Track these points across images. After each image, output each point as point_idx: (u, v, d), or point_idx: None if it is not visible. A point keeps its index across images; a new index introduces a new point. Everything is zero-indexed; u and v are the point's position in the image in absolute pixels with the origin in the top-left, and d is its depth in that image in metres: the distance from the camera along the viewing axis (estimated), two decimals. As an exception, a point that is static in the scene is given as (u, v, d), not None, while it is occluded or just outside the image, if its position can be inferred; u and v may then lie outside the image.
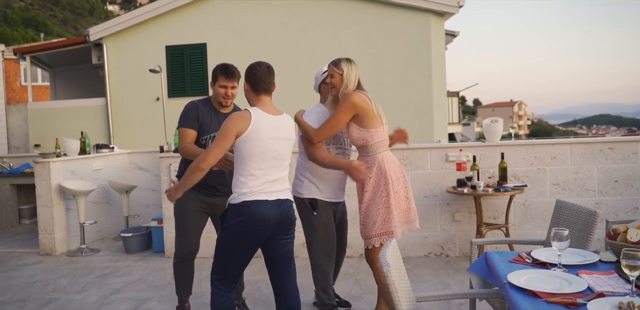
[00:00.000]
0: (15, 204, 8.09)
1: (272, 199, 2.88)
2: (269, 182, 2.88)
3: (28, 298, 4.59)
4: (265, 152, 2.85)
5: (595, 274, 2.28)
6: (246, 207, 2.83)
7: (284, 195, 2.97)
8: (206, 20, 10.67)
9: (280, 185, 2.96)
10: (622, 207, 5.30)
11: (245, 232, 2.86)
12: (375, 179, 3.45)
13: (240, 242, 2.89)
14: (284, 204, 2.94)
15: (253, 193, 2.84)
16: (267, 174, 2.88)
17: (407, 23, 10.06)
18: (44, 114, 11.60)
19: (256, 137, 2.83)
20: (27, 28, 60.84)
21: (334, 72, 3.44)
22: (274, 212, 2.87)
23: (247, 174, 2.86)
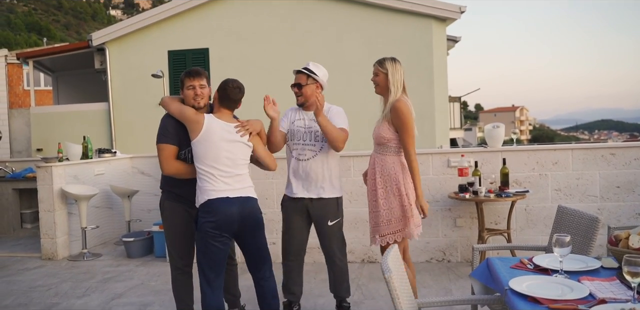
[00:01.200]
0: (18, 208, 8.10)
1: (233, 196, 3.16)
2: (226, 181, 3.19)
3: (30, 303, 4.59)
4: (216, 160, 3.18)
5: (597, 280, 2.28)
6: (209, 205, 3.14)
7: (247, 193, 3.25)
8: (208, 25, 10.70)
9: (238, 185, 3.23)
10: (624, 213, 5.29)
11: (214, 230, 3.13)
12: (392, 177, 3.49)
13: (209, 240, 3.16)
14: (247, 201, 3.22)
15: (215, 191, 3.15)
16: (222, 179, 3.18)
17: (408, 28, 10.08)
18: (47, 119, 11.62)
19: (203, 142, 3.18)
20: (30, 32, 61.07)
21: (378, 71, 3.59)
22: (235, 209, 3.15)
23: (202, 177, 3.20)
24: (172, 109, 3.39)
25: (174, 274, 3.64)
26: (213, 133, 3.19)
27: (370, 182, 3.61)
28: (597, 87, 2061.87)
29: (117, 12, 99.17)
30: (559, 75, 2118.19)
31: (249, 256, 3.37)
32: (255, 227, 3.28)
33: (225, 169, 3.18)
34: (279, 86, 4.09)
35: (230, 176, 3.19)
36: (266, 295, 3.40)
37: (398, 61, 3.63)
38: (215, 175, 3.16)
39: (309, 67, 3.78)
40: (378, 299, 4.36)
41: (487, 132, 5.56)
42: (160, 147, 3.38)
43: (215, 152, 3.17)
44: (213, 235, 3.12)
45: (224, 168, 3.18)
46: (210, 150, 3.16)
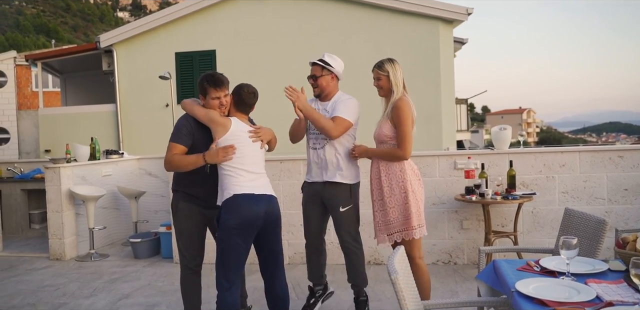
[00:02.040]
0: (26, 208, 8.15)
1: (258, 193, 3.24)
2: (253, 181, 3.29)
3: (38, 302, 4.62)
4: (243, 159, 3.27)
5: (604, 282, 2.27)
6: (236, 199, 3.19)
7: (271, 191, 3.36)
8: (215, 27, 10.74)
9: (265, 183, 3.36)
10: (631, 215, 5.27)
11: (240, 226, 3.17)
12: (397, 175, 3.52)
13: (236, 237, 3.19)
14: (272, 199, 3.32)
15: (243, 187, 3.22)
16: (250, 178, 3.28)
17: (416, 30, 10.08)
18: (55, 120, 11.69)
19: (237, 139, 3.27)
20: (38, 34, 61.43)
21: (379, 75, 3.62)
22: (262, 205, 3.23)
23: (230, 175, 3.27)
24: (199, 113, 3.42)
25: (184, 273, 3.65)
26: (240, 134, 3.30)
27: (374, 181, 3.63)
28: (605, 90, 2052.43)
29: (125, 14, 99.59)
30: (567, 77, 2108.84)
31: (265, 256, 3.39)
32: (276, 226, 3.35)
33: (250, 167, 3.28)
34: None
35: (255, 174, 3.30)
36: (277, 297, 3.41)
37: (395, 61, 3.66)
38: (242, 173, 3.24)
39: (324, 59, 3.84)
40: (384, 301, 4.36)
41: (494, 134, 5.55)
42: (170, 145, 3.46)
43: (243, 151, 3.26)
44: (237, 232, 3.16)
45: (249, 167, 3.28)
46: (238, 149, 3.25)
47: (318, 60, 3.84)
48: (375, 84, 3.67)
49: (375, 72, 3.64)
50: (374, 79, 3.66)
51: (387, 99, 3.64)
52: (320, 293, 4.16)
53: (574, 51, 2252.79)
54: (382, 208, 3.57)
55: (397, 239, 3.54)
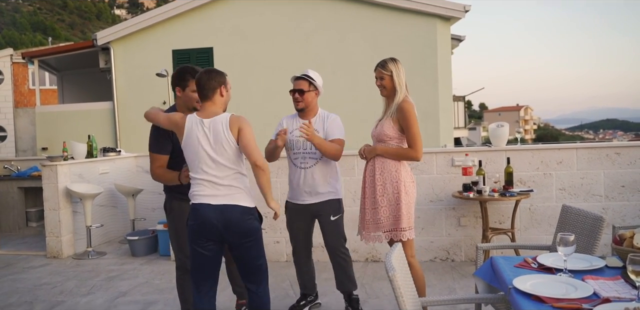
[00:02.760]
0: (23, 206, 8.13)
1: (215, 204, 2.96)
2: (214, 185, 2.98)
3: (35, 300, 4.61)
4: (199, 156, 2.98)
5: (601, 279, 2.28)
6: (194, 209, 3.00)
7: (231, 200, 2.98)
8: (213, 24, 10.71)
9: (225, 191, 2.99)
10: (628, 212, 5.28)
11: (194, 231, 3.01)
12: (392, 175, 3.51)
13: (196, 243, 3.03)
14: (231, 209, 2.96)
15: (200, 196, 2.99)
16: (208, 177, 2.98)
17: (413, 27, 10.07)
18: (52, 118, 11.67)
19: (189, 141, 3.00)
20: (35, 32, 61.25)
21: (382, 74, 3.57)
22: (217, 217, 2.95)
23: (192, 177, 3.05)
24: (162, 121, 3.20)
25: (178, 273, 3.65)
26: (192, 133, 2.99)
27: (368, 179, 3.61)
28: (602, 87, 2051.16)
29: (122, 12, 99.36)
30: (564, 74, 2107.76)
31: (239, 266, 3.16)
32: (241, 238, 3.01)
33: (208, 171, 2.97)
34: (283, 85, 4.10)
35: (213, 180, 2.97)
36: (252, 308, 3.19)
37: (398, 60, 3.65)
38: (198, 179, 3.00)
39: (309, 74, 3.85)
40: (382, 298, 4.37)
41: (491, 131, 5.55)
42: (151, 156, 3.51)
43: (196, 154, 2.98)
44: (192, 238, 3.03)
45: (207, 170, 2.97)
46: (191, 152, 3.00)
47: (304, 75, 3.83)
48: (378, 84, 3.60)
49: (379, 72, 3.59)
50: (377, 78, 3.61)
51: (389, 99, 3.60)
52: (312, 299, 4.19)
53: (571, 48, 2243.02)
54: (373, 206, 3.55)
55: (386, 238, 3.53)
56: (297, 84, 3.82)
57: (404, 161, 3.57)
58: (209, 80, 3.02)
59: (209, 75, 3.03)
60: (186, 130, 3.00)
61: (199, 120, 2.98)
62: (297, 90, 3.80)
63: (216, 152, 2.96)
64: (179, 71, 3.42)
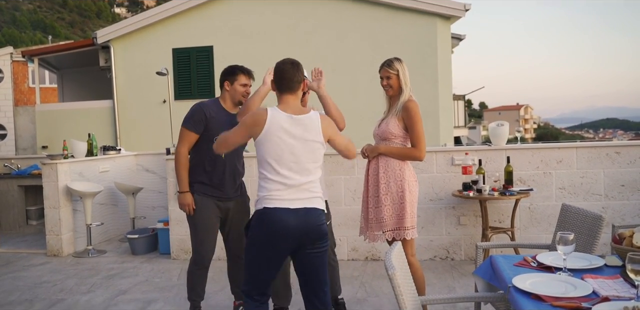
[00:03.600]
0: (23, 205, 8.13)
1: (293, 207, 2.72)
2: (290, 187, 2.74)
3: (35, 298, 4.62)
4: (282, 154, 2.72)
5: (600, 278, 2.28)
6: (266, 215, 2.72)
7: (310, 203, 2.77)
8: (213, 23, 10.72)
9: (305, 192, 2.77)
10: (628, 211, 5.28)
11: (266, 240, 2.74)
12: (396, 173, 3.51)
13: (263, 251, 2.77)
14: (309, 213, 2.75)
15: (273, 199, 2.72)
16: (285, 179, 2.73)
17: (413, 26, 10.07)
18: (52, 116, 11.67)
19: (271, 136, 2.72)
20: (35, 30, 61.20)
21: (389, 74, 3.58)
22: (296, 222, 2.70)
23: (264, 177, 2.77)
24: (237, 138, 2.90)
25: (193, 269, 3.70)
26: (275, 130, 2.73)
27: (372, 178, 3.60)
28: (602, 86, 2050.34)
29: (122, 10, 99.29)
30: (564, 73, 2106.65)
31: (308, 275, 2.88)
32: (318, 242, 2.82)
33: (287, 173, 2.74)
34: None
35: (294, 185, 2.75)
36: None
37: (402, 60, 3.66)
38: (275, 180, 2.74)
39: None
40: (382, 297, 4.37)
41: (491, 130, 5.55)
42: (182, 130, 3.57)
43: (278, 153, 2.73)
44: (264, 247, 2.77)
45: (286, 173, 2.74)
46: (271, 149, 2.74)
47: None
48: (385, 84, 3.60)
49: (385, 71, 3.59)
50: (383, 78, 3.60)
51: (394, 98, 3.61)
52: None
53: (571, 48, 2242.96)
54: (376, 205, 3.55)
55: (389, 237, 3.52)
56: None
57: (410, 164, 3.57)
58: (297, 72, 2.88)
59: (297, 68, 2.90)
60: (268, 124, 2.73)
61: (287, 116, 2.76)
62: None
63: (304, 151, 2.76)
64: (229, 67, 3.67)
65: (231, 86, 3.61)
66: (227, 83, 3.62)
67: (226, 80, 3.63)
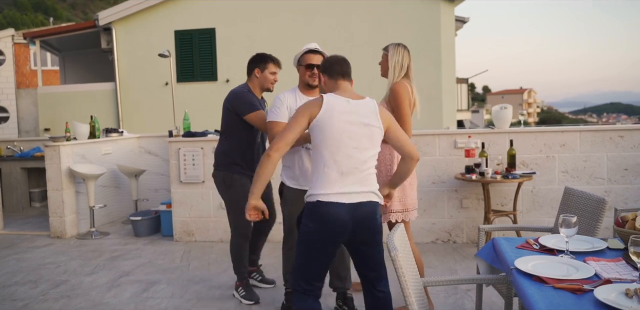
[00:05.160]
0: (26, 187, 8.16)
1: (348, 202, 2.64)
2: (345, 177, 2.65)
3: (39, 279, 4.65)
4: (340, 139, 2.64)
5: (602, 260, 2.28)
6: (319, 208, 2.65)
7: (365, 197, 2.70)
8: (215, 5, 10.63)
9: (361, 185, 2.69)
10: (631, 195, 5.28)
11: (319, 234, 2.69)
12: (386, 157, 3.58)
13: (315, 244, 2.72)
14: (362, 207, 2.68)
15: (328, 194, 2.64)
16: (342, 167, 2.64)
17: (416, 9, 9.98)
18: (54, 98, 11.65)
19: (329, 121, 2.64)
20: (36, 12, 60.78)
21: (383, 55, 3.70)
22: (349, 216, 2.64)
23: (321, 165, 2.67)
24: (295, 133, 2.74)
25: (239, 241, 3.97)
26: (335, 114, 2.66)
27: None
28: (606, 70, 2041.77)
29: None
30: (568, 57, 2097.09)
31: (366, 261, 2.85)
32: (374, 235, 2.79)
33: (345, 161, 2.66)
34: (285, 66, 4.07)
35: (350, 173, 2.67)
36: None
37: (402, 46, 3.67)
38: (332, 168, 2.65)
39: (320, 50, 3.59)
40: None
41: (494, 113, 5.52)
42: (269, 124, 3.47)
43: (336, 138, 2.65)
44: (316, 240, 2.72)
45: (344, 160, 2.66)
46: (329, 134, 2.65)
47: (318, 49, 3.54)
48: (379, 63, 3.74)
49: (383, 53, 3.72)
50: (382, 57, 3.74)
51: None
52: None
53: (576, 31, 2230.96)
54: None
55: (393, 219, 3.56)
56: (316, 59, 3.50)
57: None
58: (344, 64, 2.89)
59: (346, 62, 2.92)
60: (325, 107, 2.66)
61: (344, 100, 2.71)
62: (316, 66, 3.47)
63: (362, 135, 2.69)
64: (259, 54, 3.85)
65: (261, 73, 3.82)
66: (257, 70, 3.83)
67: (257, 67, 3.83)
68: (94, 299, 4.13)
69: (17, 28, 23.52)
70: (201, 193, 5.84)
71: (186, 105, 8.70)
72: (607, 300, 1.80)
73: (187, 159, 5.80)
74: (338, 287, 3.74)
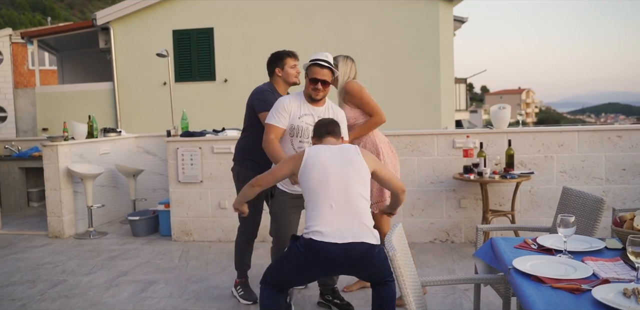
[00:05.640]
0: (24, 187, 8.15)
1: (341, 242, 2.68)
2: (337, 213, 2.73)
3: (37, 279, 4.65)
4: (328, 181, 2.76)
5: (600, 260, 2.29)
6: (312, 245, 2.71)
7: (358, 237, 2.71)
8: (213, 4, 10.62)
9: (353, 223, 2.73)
10: (629, 195, 5.28)
11: (308, 263, 2.77)
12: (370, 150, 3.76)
13: (301, 267, 2.81)
14: (356, 247, 2.70)
15: (322, 232, 2.70)
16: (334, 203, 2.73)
17: (415, 9, 9.98)
18: (52, 98, 11.63)
19: (313, 167, 2.81)
20: (34, 12, 60.64)
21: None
22: (342, 256, 2.69)
23: (311, 206, 2.79)
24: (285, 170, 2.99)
25: (244, 238, 4.03)
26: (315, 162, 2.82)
27: None
28: (605, 70, 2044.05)
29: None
30: (566, 57, 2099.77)
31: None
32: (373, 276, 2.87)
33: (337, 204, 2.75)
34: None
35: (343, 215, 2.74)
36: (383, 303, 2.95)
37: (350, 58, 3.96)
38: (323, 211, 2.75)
39: (331, 62, 3.47)
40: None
41: (493, 113, 5.53)
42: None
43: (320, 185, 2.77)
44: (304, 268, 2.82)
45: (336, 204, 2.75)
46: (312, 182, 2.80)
47: (325, 62, 3.41)
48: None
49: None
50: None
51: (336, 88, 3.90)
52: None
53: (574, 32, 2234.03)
54: None
55: (374, 210, 3.65)
56: (322, 74, 3.38)
57: (381, 138, 3.86)
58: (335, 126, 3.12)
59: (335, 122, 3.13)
60: (307, 155, 2.86)
61: (326, 146, 2.93)
62: (321, 81, 3.39)
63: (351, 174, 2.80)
64: (274, 54, 3.88)
65: (283, 71, 3.83)
66: (278, 69, 3.84)
67: (277, 67, 3.85)
68: (92, 299, 4.12)
69: (14, 27, 23.49)
70: (199, 193, 5.84)
71: (184, 105, 8.70)
72: (605, 300, 1.80)
73: (185, 158, 5.80)
74: (327, 284, 3.78)
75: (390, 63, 9.62)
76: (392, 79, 9.53)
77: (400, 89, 9.50)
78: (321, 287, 3.82)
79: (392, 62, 9.67)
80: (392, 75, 9.58)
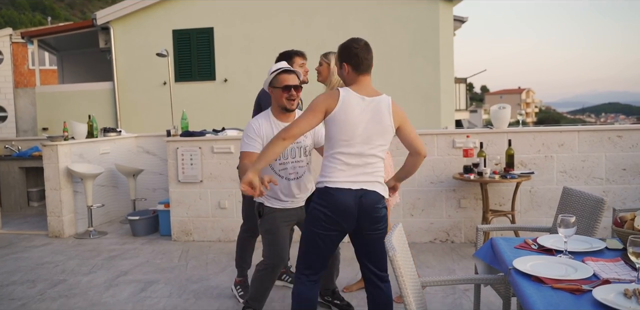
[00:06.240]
0: (24, 186, 8.15)
1: (355, 188, 2.75)
2: (353, 169, 2.76)
3: (37, 279, 4.64)
4: (352, 135, 2.73)
5: (601, 261, 2.28)
6: (328, 192, 2.76)
7: (370, 186, 2.78)
8: (213, 4, 10.61)
9: (367, 176, 2.79)
10: (629, 195, 5.28)
11: (326, 215, 2.76)
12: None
13: (321, 227, 2.79)
14: (367, 195, 2.76)
15: (335, 182, 2.75)
16: (351, 160, 2.75)
17: (415, 8, 9.97)
18: (52, 98, 11.63)
19: (344, 117, 2.72)
20: (34, 11, 60.65)
21: (322, 61, 3.87)
22: (354, 202, 2.74)
23: (331, 156, 2.79)
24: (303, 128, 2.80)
25: (244, 236, 4.07)
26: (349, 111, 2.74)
27: None
28: (604, 70, 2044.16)
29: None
30: (566, 57, 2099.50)
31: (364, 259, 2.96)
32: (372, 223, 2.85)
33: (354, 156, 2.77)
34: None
35: (358, 165, 2.78)
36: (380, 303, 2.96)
37: None
38: (342, 160, 2.77)
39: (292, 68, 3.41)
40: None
41: (493, 113, 5.52)
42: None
43: (349, 135, 2.75)
44: (323, 224, 2.80)
45: (353, 155, 2.77)
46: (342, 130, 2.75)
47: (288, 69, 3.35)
48: (316, 68, 3.88)
49: (321, 58, 3.87)
50: (319, 63, 3.88)
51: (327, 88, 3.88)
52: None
53: (574, 32, 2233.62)
54: None
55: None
56: (292, 79, 3.27)
57: None
58: (370, 53, 2.84)
59: (369, 48, 2.84)
60: (341, 102, 2.73)
61: (359, 97, 2.76)
62: (293, 86, 3.26)
63: (374, 132, 2.77)
64: (281, 53, 3.93)
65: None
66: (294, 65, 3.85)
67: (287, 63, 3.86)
68: (92, 299, 4.12)
69: (15, 27, 23.49)
70: (199, 193, 5.83)
71: (184, 105, 8.70)
72: (606, 300, 1.80)
73: (185, 158, 5.80)
74: (327, 286, 3.76)
75: (390, 63, 9.60)
76: (392, 79, 9.53)
77: (400, 88, 9.49)
78: (321, 289, 3.82)
79: (392, 61, 9.66)
80: (392, 75, 9.57)
